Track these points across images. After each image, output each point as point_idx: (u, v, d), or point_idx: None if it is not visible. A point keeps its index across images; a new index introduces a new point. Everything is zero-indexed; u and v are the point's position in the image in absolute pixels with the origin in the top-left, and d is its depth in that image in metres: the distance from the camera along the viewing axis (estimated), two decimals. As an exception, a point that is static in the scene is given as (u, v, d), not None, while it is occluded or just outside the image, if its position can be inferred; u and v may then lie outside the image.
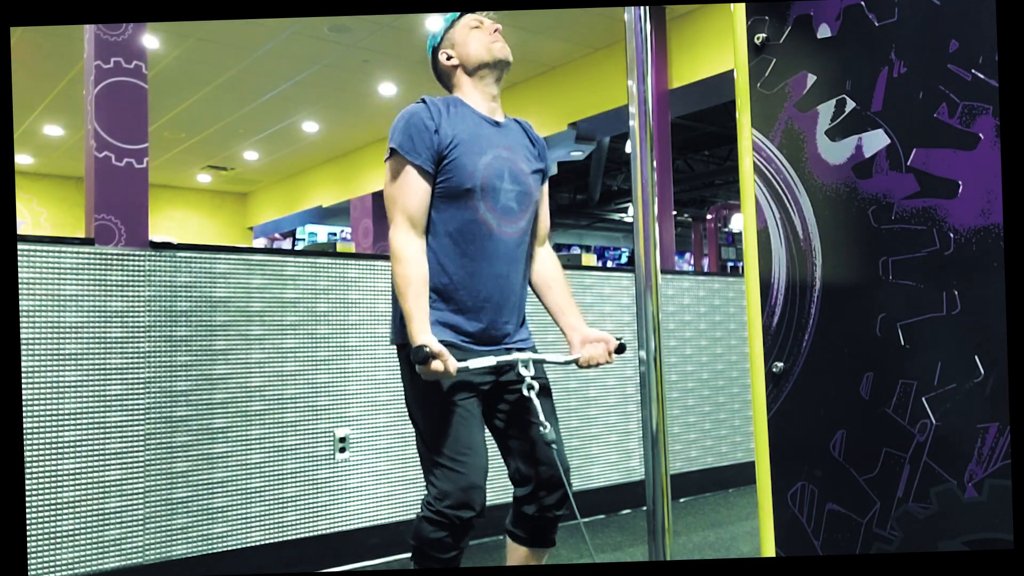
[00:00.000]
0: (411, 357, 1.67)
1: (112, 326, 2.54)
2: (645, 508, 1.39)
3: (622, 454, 3.73)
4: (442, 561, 1.77)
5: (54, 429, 2.43)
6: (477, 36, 1.90)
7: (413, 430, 1.87)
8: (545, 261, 2.02)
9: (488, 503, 1.80)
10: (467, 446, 1.77)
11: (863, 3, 1.24)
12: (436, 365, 1.64)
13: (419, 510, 1.81)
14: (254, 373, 2.80)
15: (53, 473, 2.43)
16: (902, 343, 1.19)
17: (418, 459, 1.87)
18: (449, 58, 1.92)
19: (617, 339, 1.89)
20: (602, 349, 1.87)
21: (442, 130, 1.79)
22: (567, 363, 1.88)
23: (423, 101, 1.83)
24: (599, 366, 1.88)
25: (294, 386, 2.88)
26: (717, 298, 4.21)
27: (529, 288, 2.01)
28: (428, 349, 1.64)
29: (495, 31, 1.91)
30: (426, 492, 1.80)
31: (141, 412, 2.58)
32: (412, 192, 1.79)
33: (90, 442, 2.49)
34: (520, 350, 1.90)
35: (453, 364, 1.66)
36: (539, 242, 2.02)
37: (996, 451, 1.09)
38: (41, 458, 2.41)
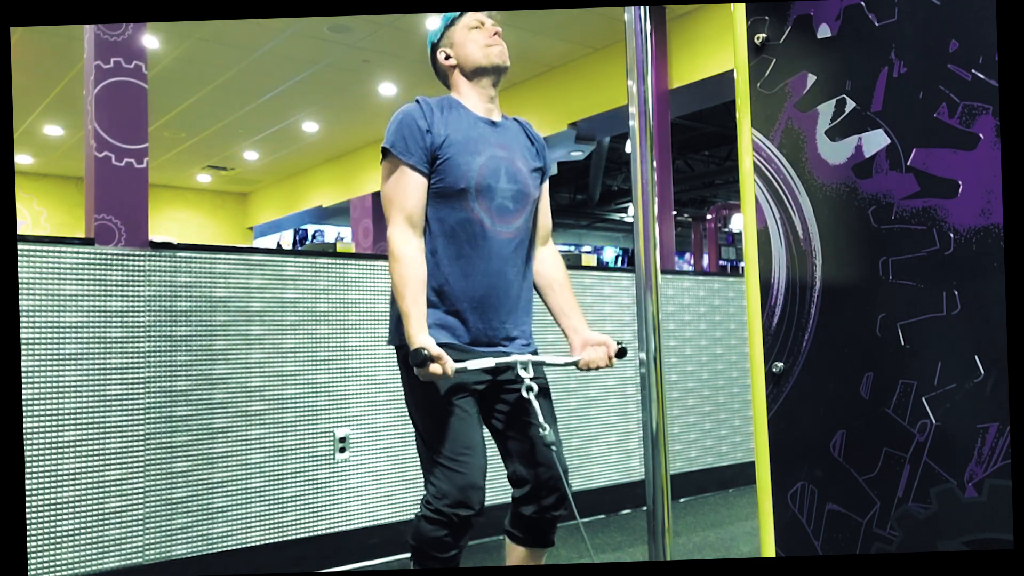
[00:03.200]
0: (409, 359, 1.66)
1: (112, 326, 2.53)
2: (645, 508, 1.40)
3: (622, 454, 3.73)
4: (441, 560, 1.76)
5: (54, 429, 2.43)
6: (475, 38, 1.87)
7: (413, 430, 1.87)
8: (546, 262, 2.01)
9: (488, 503, 1.80)
10: (465, 446, 1.77)
11: (863, 3, 1.24)
12: (434, 368, 1.63)
13: (418, 509, 1.80)
14: (254, 373, 2.80)
15: (53, 473, 2.43)
16: (902, 343, 1.19)
17: (418, 459, 1.87)
18: (447, 57, 1.91)
19: (618, 343, 1.89)
20: (603, 353, 1.85)
21: (435, 130, 1.79)
22: (566, 365, 1.87)
23: (417, 101, 1.83)
24: (599, 369, 1.87)
25: (294, 386, 2.88)
26: (717, 298, 4.21)
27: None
28: (426, 352, 1.63)
29: (494, 34, 1.89)
30: (425, 491, 1.80)
31: (141, 412, 2.58)
32: (408, 190, 1.78)
33: (90, 442, 2.49)
34: (521, 351, 1.90)
35: (451, 366, 1.65)
36: (540, 241, 2.01)
37: (996, 451, 1.09)
38: (41, 458, 2.41)
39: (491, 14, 1.93)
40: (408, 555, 1.85)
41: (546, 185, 2.00)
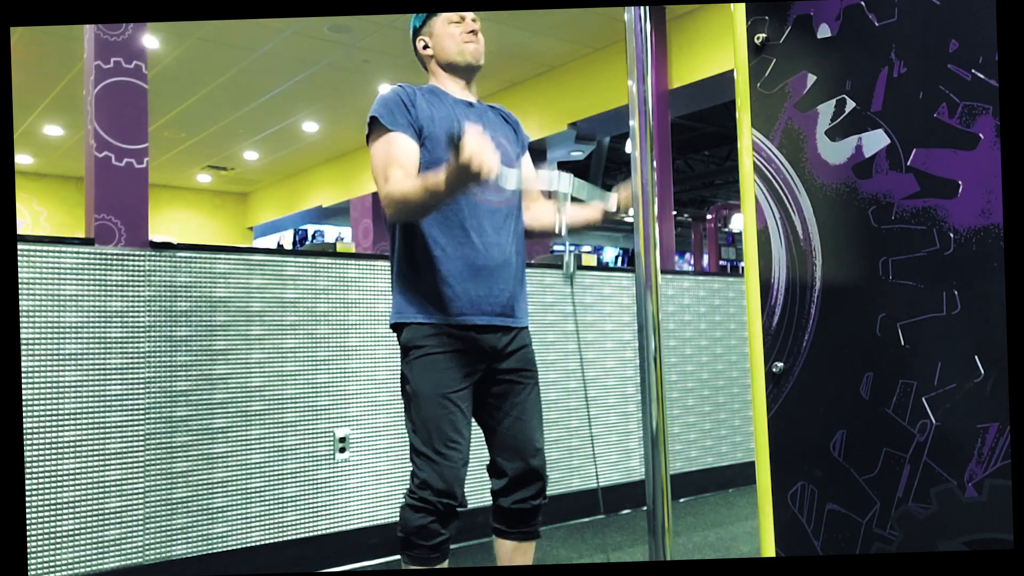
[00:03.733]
0: (449, 145, 1.54)
1: (112, 326, 2.53)
2: (645, 508, 1.39)
3: (622, 454, 3.73)
4: (429, 548, 1.77)
5: (54, 429, 2.43)
6: (453, 34, 1.93)
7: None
8: (540, 207, 2.08)
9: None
10: (452, 440, 1.80)
11: (863, 3, 1.24)
12: (470, 142, 1.51)
13: (403, 499, 1.82)
14: (254, 373, 2.80)
15: (53, 473, 2.43)
16: (902, 343, 1.19)
17: None
18: (426, 47, 1.99)
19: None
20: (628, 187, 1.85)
21: (418, 106, 1.86)
22: (609, 215, 1.89)
23: (400, 86, 1.91)
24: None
25: (294, 386, 2.88)
26: (717, 298, 4.21)
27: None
28: (457, 132, 1.51)
29: (471, 31, 1.93)
30: (410, 482, 1.82)
31: (141, 412, 2.58)
32: (403, 150, 1.84)
33: (90, 442, 2.49)
34: (521, 327, 1.94)
35: (492, 153, 1.54)
36: (532, 199, 2.07)
37: (996, 451, 1.09)
38: (41, 458, 2.41)
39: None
40: (408, 555, 1.86)
41: (526, 156, 2.06)
